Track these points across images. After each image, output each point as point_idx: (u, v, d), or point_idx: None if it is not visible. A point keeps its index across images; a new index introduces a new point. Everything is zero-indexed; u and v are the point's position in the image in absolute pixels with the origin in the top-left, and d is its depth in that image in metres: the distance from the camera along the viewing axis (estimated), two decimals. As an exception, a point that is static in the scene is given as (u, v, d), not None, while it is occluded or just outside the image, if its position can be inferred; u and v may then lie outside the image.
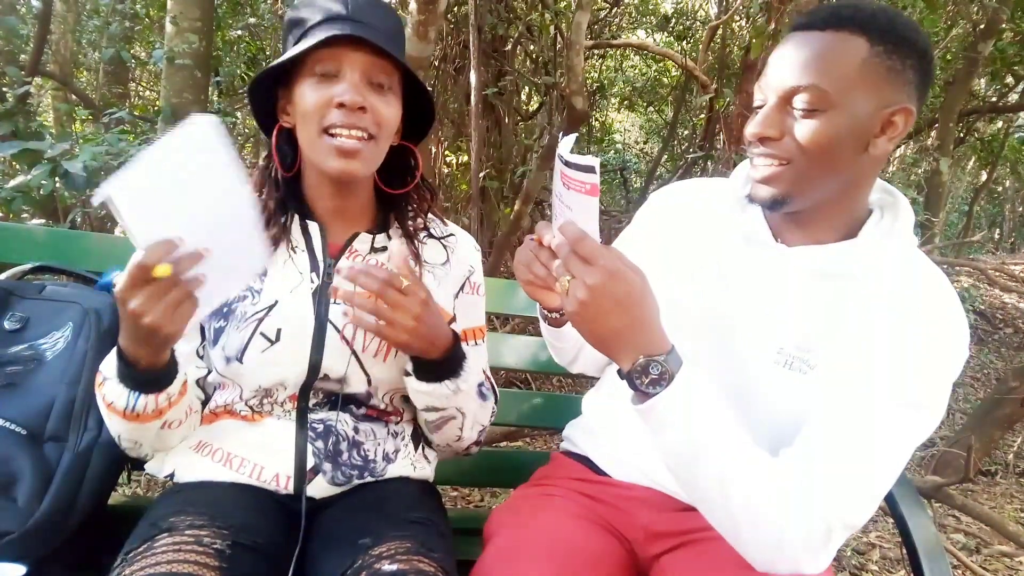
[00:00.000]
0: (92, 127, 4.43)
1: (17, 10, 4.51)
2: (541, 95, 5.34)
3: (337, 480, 1.05)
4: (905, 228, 0.92)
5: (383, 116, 0.99)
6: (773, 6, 2.67)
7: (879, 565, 2.65)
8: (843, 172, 0.88)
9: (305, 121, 0.98)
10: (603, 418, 1.14)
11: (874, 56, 0.84)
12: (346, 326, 1.03)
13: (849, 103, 0.84)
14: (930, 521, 1.21)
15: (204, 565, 0.85)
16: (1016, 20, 3.77)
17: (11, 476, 1.00)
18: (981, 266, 4.00)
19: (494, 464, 1.55)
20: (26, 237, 1.34)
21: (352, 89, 0.96)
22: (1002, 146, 5.01)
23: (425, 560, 0.91)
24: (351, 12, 0.98)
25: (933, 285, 0.91)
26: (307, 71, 0.98)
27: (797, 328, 0.93)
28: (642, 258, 1.00)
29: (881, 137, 0.86)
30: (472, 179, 4.06)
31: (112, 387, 0.93)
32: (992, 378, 5.15)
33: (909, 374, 0.85)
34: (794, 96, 0.86)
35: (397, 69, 1.01)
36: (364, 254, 1.09)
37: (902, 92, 0.85)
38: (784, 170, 0.88)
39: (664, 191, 1.13)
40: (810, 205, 0.92)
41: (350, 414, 1.07)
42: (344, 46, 0.95)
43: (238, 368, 1.02)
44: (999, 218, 9.21)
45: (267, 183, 1.07)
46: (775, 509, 0.80)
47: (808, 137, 0.85)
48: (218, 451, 1.05)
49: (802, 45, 0.86)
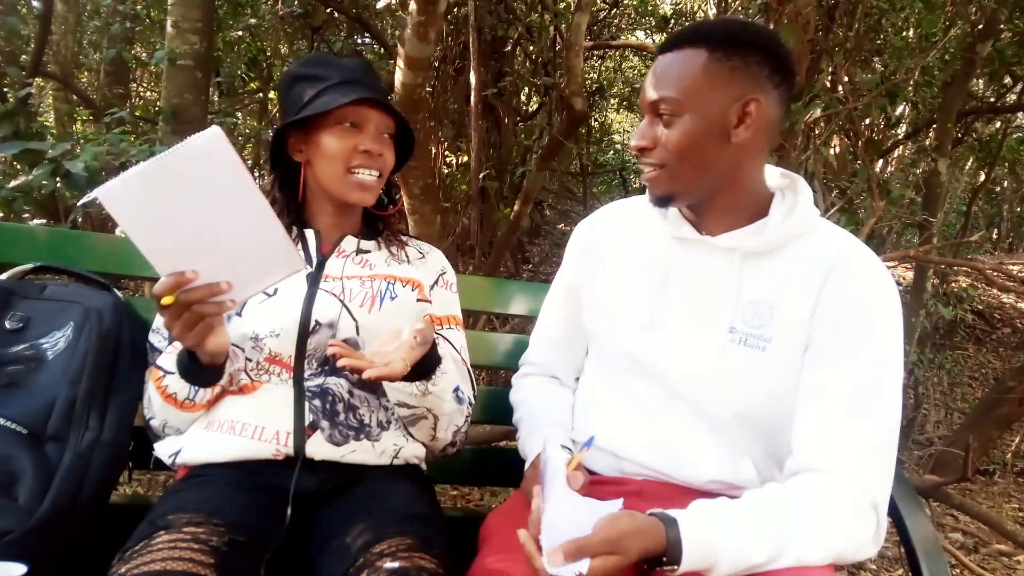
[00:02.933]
0: (93, 127, 4.44)
1: (18, 10, 4.52)
2: (541, 96, 5.36)
3: (335, 439, 1.10)
4: (807, 202, 1.04)
5: (387, 159, 1.21)
6: (771, 7, 2.68)
7: (877, 564, 2.65)
8: (715, 163, 1.00)
9: (329, 160, 1.17)
10: (585, 418, 1.17)
11: (714, 61, 0.97)
12: (334, 287, 1.16)
13: (700, 105, 0.97)
14: (928, 520, 1.21)
15: (200, 562, 0.86)
16: (1014, 20, 3.77)
17: (12, 475, 1.01)
18: (979, 266, 4.00)
19: (494, 464, 1.55)
20: (27, 237, 1.34)
21: (373, 140, 1.17)
22: (1000, 146, 5.01)
23: (426, 557, 0.93)
24: (362, 77, 1.20)
25: (854, 245, 1.03)
26: (332, 121, 1.16)
27: (741, 307, 1.03)
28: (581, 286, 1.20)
29: (740, 127, 0.98)
30: (472, 179, 4.06)
31: (174, 381, 1.07)
32: (990, 377, 5.16)
33: (873, 335, 0.96)
34: (657, 108, 1.00)
35: (395, 123, 1.23)
36: (350, 252, 1.23)
37: (749, 83, 0.97)
38: (661, 172, 1.02)
39: (585, 221, 1.26)
40: (702, 196, 1.04)
41: (345, 379, 1.13)
42: (366, 105, 1.17)
43: (237, 323, 1.12)
44: (997, 218, 9.21)
45: (280, 209, 1.21)
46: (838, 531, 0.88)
47: (672, 141, 0.99)
48: (223, 423, 1.10)
49: (659, 66, 1.01)
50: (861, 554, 0.91)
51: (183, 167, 0.84)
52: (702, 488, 1.04)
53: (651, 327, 1.08)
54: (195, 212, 0.87)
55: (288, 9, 4.51)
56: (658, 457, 1.07)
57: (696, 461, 1.05)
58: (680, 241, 1.09)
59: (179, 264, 0.90)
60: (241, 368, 1.12)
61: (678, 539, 0.82)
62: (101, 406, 1.10)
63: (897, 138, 5.42)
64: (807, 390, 0.98)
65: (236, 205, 0.88)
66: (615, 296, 1.13)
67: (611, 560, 0.79)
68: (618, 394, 1.12)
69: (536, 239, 6.85)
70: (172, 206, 0.86)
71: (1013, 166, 5.40)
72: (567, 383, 1.28)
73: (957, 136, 4.64)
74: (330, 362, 1.12)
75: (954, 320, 5.01)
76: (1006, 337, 5.93)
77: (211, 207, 0.87)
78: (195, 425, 1.12)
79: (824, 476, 0.91)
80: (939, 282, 5.13)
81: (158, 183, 0.84)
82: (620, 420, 1.11)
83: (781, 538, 0.85)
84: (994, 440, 3.46)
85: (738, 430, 1.04)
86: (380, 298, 1.17)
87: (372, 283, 1.19)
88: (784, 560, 0.85)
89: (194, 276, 0.90)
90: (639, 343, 1.09)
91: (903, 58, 3.77)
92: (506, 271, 4.59)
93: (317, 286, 1.16)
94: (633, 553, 0.80)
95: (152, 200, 0.85)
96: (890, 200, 2.69)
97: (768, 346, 1.00)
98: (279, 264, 0.95)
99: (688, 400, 1.05)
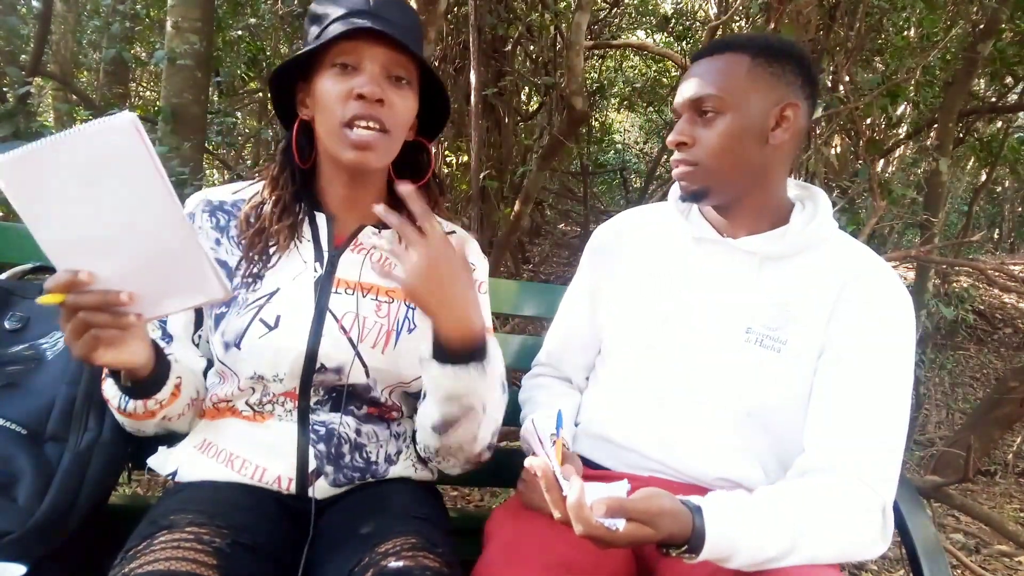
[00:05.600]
0: (92, 127, 4.41)
1: (17, 10, 4.51)
2: (541, 95, 5.35)
3: (339, 482, 1.06)
4: (826, 212, 1.08)
5: (399, 109, 1.00)
6: (773, 6, 2.68)
7: (878, 564, 2.65)
8: (749, 163, 1.04)
9: (325, 112, 0.99)
10: (594, 413, 1.17)
11: (756, 66, 1.02)
12: (345, 315, 1.03)
13: (743, 105, 1.01)
14: (929, 521, 1.21)
15: (203, 563, 0.85)
16: (1016, 20, 3.77)
17: (11, 476, 1.00)
18: (980, 266, 4.01)
19: (494, 464, 1.54)
20: (26, 237, 1.32)
21: (371, 81, 0.97)
22: (1001, 146, 5.00)
23: (430, 556, 0.92)
24: (372, 7, 1.00)
25: (871, 257, 1.07)
26: (327, 63, 0.99)
27: (759, 309, 1.05)
28: (600, 286, 1.20)
29: (777, 130, 1.03)
30: (472, 179, 4.06)
31: (108, 386, 0.99)
32: (991, 378, 5.15)
33: (888, 345, 0.99)
34: (699, 106, 1.03)
35: (415, 64, 1.03)
36: (369, 248, 1.09)
37: (787, 90, 1.03)
38: (696, 169, 1.05)
39: (603, 226, 1.27)
40: (731, 197, 1.07)
41: (352, 415, 1.07)
42: (365, 40, 0.97)
43: (236, 355, 1.02)
44: (998, 218, 9.21)
45: (283, 175, 1.08)
46: (848, 531, 0.91)
47: (713, 137, 1.02)
48: (221, 452, 1.05)
49: (700, 68, 1.05)
50: (869, 553, 0.93)
51: (88, 151, 0.73)
52: (708, 485, 1.05)
53: (667, 322, 1.10)
54: (98, 206, 0.76)
55: (288, 8, 4.50)
56: (666, 453, 1.07)
57: (704, 459, 1.05)
58: (700, 242, 1.12)
59: (76, 261, 0.79)
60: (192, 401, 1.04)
61: (702, 529, 0.83)
62: (100, 406, 1.09)
63: (898, 138, 5.42)
64: (821, 394, 1.01)
65: (147, 208, 0.77)
66: (633, 292, 1.15)
67: (643, 531, 0.80)
68: (629, 390, 1.13)
69: (536, 239, 6.85)
70: (72, 194, 0.75)
71: (1014, 166, 5.39)
72: (578, 384, 1.28)
73: (958, 136, 4.63)
74: (337, 393, 1.05)
75: (955, 320, 5.00)
76: (1007, 337, 5.93)
77: (117, 204, 0.76)
78: (189, 442, 1.08)
79: (837, 478, 0.93)
80: (940, 282, 5.13)
81: (58, 164, 0.74)
82: (630, 415, 1.11)
83: (796, 534, 0.87)
84: (995, 440, 3.45)
85: (748, 430, 1.04)
86: (396, 332, 1.05)
87: (389, 307, 1.06)
88: (796, 556, 0.87)
89: (89, 279, 0.79)
90: (655, 337, 1.10)
91: (904, 58, 3.76)
92: (506, 271, 4.58)
93: (326, 303, 1.03)
94: (663, 532, 0.81)
95: (50, 183, 0.74)
96: (891, 200, 2.69)
97: (784, 348, 1.03)
98: (196, 289, 0.84)
99: (701, 397, 1.06)
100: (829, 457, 0.96)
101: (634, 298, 1.15)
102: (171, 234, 0.80)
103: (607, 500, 0.79)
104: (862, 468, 0.94)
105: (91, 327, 0.80)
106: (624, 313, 1.15)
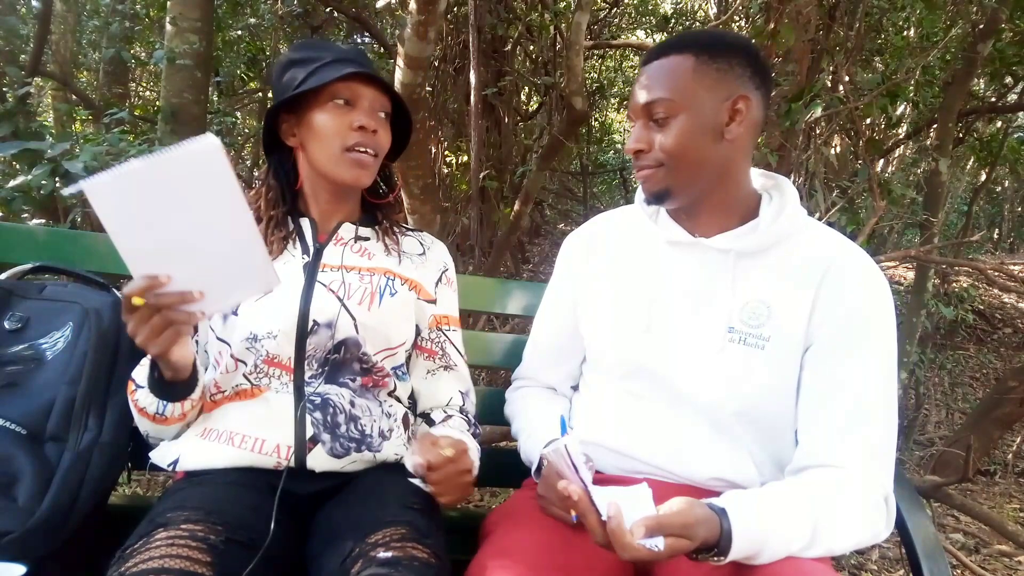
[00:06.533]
0: (92, 127, 4.43)
1: (17, 10, 4.51)
2: (541, 95, 5.35)
3: (336, 451, 1.10)
4: (794, 202, 1.08)
5: (383, 138, 1.18)
6: (772, 6, 2.68)
7: (878, 565, 2.65)
8: (709, 161, 1.04)
9: (324, 140, 1.14)
10: (587, 421, 1.17)
11: (701, 64, 1.02)
12: (332, 282, 1.14)
13: (693, 104, 1.01)
14: (929, 521, 1.21)
15: (196, 560, 0.87)
16: (1015, 20, 3.77)
17: (11, 476, 1.01)
18: (980, 266, 3.99)
19: (494, 464, 1.54)
20: (26, 237, 1.34)
21: (369, 116, 1.14)
22: (1001, 146, 5.00)
23: (419, 547, 0.94)
24: (353, 56, 1.18)
25: (845, 244, 1.06)
26: (323, 100, 1.13)
27: (738, 306, 1.05)
28: (577, 296, 1.21)
29: (731, 124, 1.02)
30: (472, 179, 4.06)
31: (144, 395, 1.04)
32: (991, 378, 5.15)
33: (873, 334, 1.00)
34: (651, 111, 1.03)
35: (390, 102, 1.20)
36: (348, 240, 1.21)
37: (736, 84, 1.02)
38: (657, 171, 1.05)
39: (573, 235, 1.28)
40: (695, 196, 1.07)
41: (347, 388, 1.12)
42: (359, 81, 1.14)
43: (232, 322, 1.11)
44: (998, 218, 9.20)
45: (275, 197, 1.20)
46: (857, 521, 0.93)
47: (669, 140, 1.02)
48: (222, 434, 1.09)
49: (647, 73, 1.05)
50: (877, 539, 0.96)
51: (175, 171, 0.82)
52: (704, 486, 1.06)
53: (650, 330, 1.09)
54: (179, 217, 0.85)
55: (288, 8, 4.50)
56: (661, 456, 1.08)
57: (698, 460, 1.06)
58: (674, 245, 1.11)
59: (154, 267, 0.88)
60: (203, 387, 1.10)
61: (730, 532, 0.84)
62: (100, 406, 1.10)
63: (898, 138, 5.42)
64: (813, 389, 1.01)
65: (222, 217, 0.86)
66: (612, 302, 1.15)
67: (681, 543, 0.81)
68: (620, 396, 1.13)
69: (536, 239, 6.85)
70: (157, 208, 0.84)
71: (1014, 166, 5.39)
72: (563, 392, 1.28)
73: (958, 136, 4.63)
74: (330, 363, 1.12)
75: (955, 320, 5.01)
76: (1007, 337, 5.93)
77: (196, 215, 0.86)
78: (192, 432, 1.12)
79: (839, 471, 0.95)
80: (940, 282, 5.13)
81: (147, 183, 0.82)
82: (623, 421, 1.11)
83: (814, 529, 0.88)
84: (995, 440, 3.45)
85: (739, 428, 1.05)
86: (379, 294, 1.16)
87: (372, 277, 1.17)
88: (815, 549, 0.89)
89: (167, 281, 0.88)
90: (639, 347, 1.10)
91: (904, 57, 3.76)
92: (506, 271, 4.59)
93: (315, 278, 1.14)
94: (698, 540, 0.82)
95: (138, 199, 0.83)
96: (891, 200, 2.69)
97: (767, 345, 1.03)
98: (253, 282, 0.93)
99: (689, 400, 1.06)
100: (827, 451, 0.97)
101: (614, 308, 1.14)
102: (241, 236, 0.88)
103: (644, 521, 0.81)
104: (862, 460, 0.96)
105: (172, 323, 0.91)
106: (606, 323, 1.15)
